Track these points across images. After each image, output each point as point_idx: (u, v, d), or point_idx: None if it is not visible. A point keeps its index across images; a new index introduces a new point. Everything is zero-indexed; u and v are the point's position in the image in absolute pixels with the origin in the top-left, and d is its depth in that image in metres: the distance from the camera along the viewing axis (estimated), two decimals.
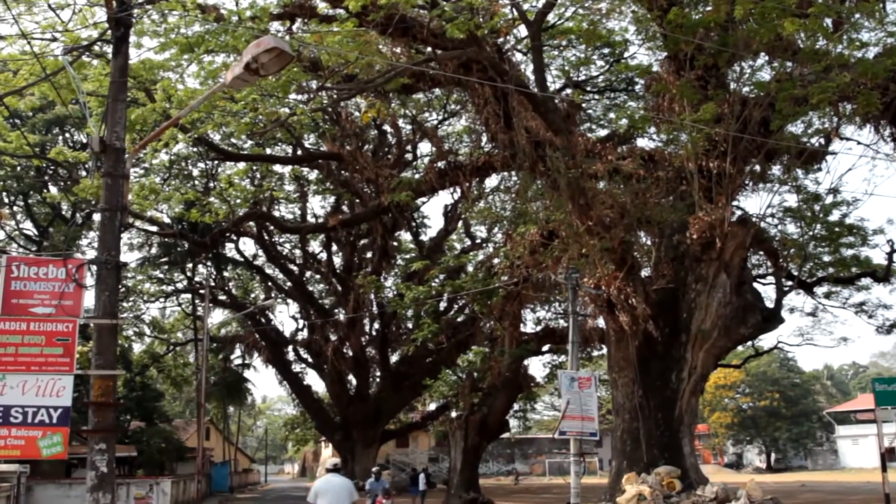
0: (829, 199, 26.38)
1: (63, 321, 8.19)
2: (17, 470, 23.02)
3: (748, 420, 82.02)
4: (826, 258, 28.44)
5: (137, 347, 51.81)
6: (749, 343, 35.42)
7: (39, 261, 8.80)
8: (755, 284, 25.40)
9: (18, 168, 35.37)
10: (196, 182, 37.89)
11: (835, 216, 27.18)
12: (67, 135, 39.52)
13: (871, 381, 17.45)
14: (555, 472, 75.25)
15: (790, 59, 19.29)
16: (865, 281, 29.54)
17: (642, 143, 24.90)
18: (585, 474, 44.45)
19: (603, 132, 27.18)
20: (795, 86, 17.56)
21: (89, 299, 9.25)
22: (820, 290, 30.84)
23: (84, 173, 31.14)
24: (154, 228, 38.94)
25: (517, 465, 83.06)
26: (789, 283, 27.66)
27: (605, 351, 26.12)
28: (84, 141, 35.86)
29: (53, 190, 37.49)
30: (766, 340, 39.04)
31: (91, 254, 32.05)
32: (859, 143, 22.00)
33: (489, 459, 72.77)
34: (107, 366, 8.29)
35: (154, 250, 45.68)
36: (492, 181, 30.08)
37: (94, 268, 8.62)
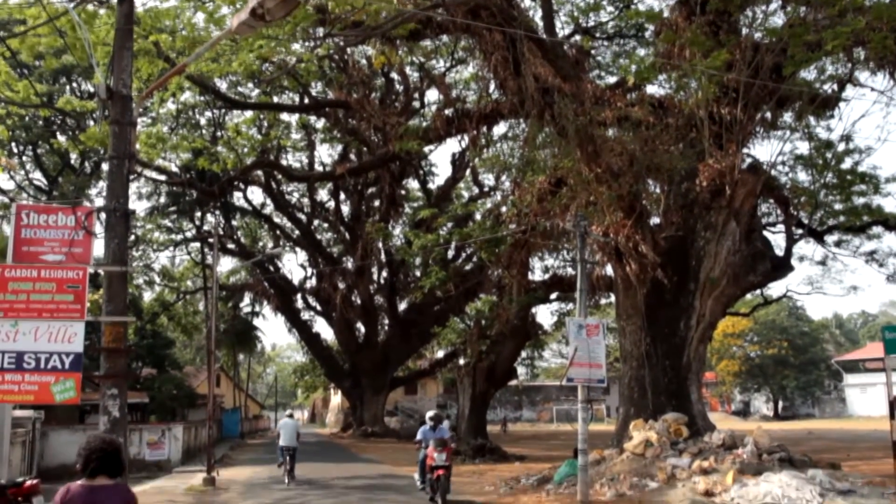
0: (841, 147, 26.20)
1: (73, 268, 8.27)
2: (31, 416, 23.44)
3: (756, 368, 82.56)
4: (837, 206, 28.31)
5: (148, 296, 52.32)
6: (758, 291, 35.50)
7: (49, 209, 8.87)
8: (765, 233, 25.34)
9: (27, 118, 35.31)
10: (203, 131, 37.87)
11: (847, 164, 27.01)
12: (75, 84, 39.39)
13: (882, 329, 17.42)
14: (562, 419, 76.15)
15: (804, 3, 18.98)
16: (877, 229, 29.47)
17: (652, 89, 24.67)
18: (593, 421, 45.02)
19: (612, 79, 26.95)
20: (809, 31, 17.30)
21: (99, 248, 9.34)
22: (830, 239, 30.80)
23: (92, 122, 31.08)
24: (162, 177, 39.03)
25: (525, 412, 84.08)
26: (799, 231, 27.60)
27: (613, 299, 26.23)
28: (91, 90, 35.76)
29: (62, 139, 37.48)
30: (775, 289, 39.30)
31: (100, 202, 32.19)
32: (873, 89, 21.74)
33: (497, 406, 73.60)
34: (117, 312, 8.39)
35: (163, 199, 45.88)
36: (500, 129, 29.93)
37: (103, 216, 8.67)
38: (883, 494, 15.09)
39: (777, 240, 27.12)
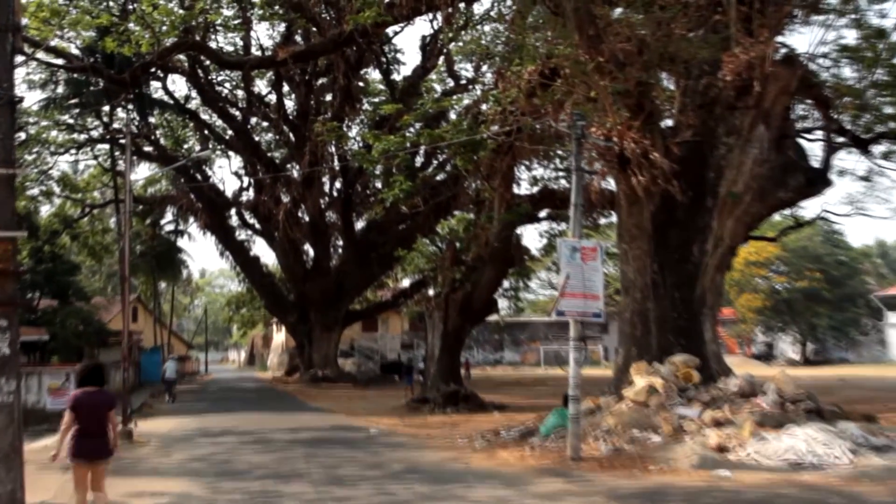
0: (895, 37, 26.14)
1: None
2: None
3: (782, 304, 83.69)
4: (888, 110, 28.37)
5: (45, 210, 51.64)
6: (788, 211, 35.75)
7: None
8: (799, 140, 25.41)
9: None
10: (111, 3, 36.85)
11: None
12: None
13: None
14: (551, 362, 77.34)
15: None
16: None
17: None
18: (587, 364, 45.69)
19: None
20: None
21: None
22: (877, 149, 30.93)
23: None
24: (60, 62, 38.10)
25: (506, 353, 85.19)
26: (841, 138, 27.67)
27: (614, 218, 26.33)
28: None
29: None
30: (808, 209, 39.53)
31: None
32: None
33: (473, 346, 74.51)
34: (3, 226, 8.24)
35: (61, 90, 44.80)
36: (481, 6, 29.54)
37: None
38: None
39: (813, 149, 27.18)
